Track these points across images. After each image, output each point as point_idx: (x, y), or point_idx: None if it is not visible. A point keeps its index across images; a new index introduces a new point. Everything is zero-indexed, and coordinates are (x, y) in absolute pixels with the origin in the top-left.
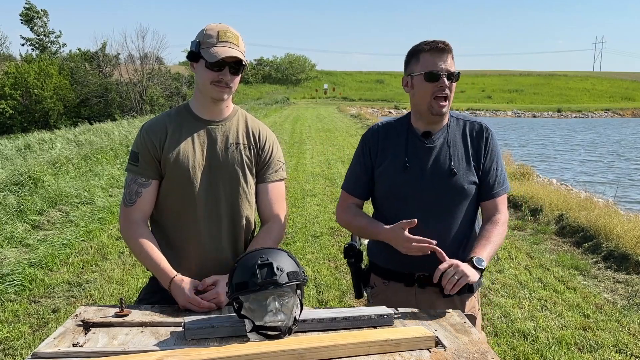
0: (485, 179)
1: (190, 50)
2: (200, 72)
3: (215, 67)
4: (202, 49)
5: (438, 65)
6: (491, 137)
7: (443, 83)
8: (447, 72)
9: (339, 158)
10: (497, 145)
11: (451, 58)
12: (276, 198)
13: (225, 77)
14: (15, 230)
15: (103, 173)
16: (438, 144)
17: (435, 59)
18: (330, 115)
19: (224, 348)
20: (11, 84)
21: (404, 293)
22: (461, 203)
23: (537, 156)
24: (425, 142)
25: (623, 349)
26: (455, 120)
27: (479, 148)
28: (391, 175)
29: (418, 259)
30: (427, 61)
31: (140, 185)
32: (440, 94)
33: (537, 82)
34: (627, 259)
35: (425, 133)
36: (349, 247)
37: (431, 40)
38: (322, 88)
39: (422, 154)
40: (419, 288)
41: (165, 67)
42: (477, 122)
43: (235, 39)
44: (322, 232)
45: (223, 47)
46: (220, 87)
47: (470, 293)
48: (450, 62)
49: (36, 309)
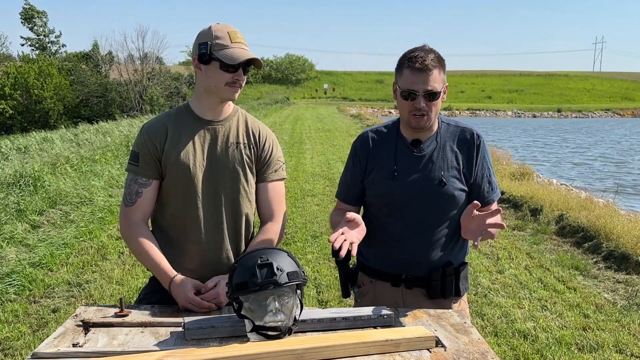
0: (477, 187)
1: (201, 52)
2: (212, 73)
3: (232, 68)
4: (214, 50)
5: (415, 85)
6: (482, 144)
7: (418, 103)
8: (424, 92)
9: (339, 158)
10: (487, 152)
11: (435, 73)
12: (276, 197)
13: (240, 78)
14: (15, 230)
15: (103, 173)
16: (427, 152)
17: (415, 78)
18: (330, 115)
19: (224, 348)
20: (11, 84)
21: (390, 293)
22: (450, 211)
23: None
24: (414, 150)
25: (623, 349)
26: (445, 127)
27: (469, 156)
28: (380, 183)
29: (406, 260)
30: (406, 78)
31: (140, 185)
32: (417, 113)
33: (537, 82)
34: (627, 259)
35: (414, 141)
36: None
37: (413, 56)
38: (322, 88)
39: (411, 162)
40: (406, 289)
41: (165, 67)
42: (468, 128)
43: (244, 39)
44: (322, 232)
45: (239, 49)
46: (234, 87)
47: (457, 296)
48: (433, 79)
49: (36, 309)
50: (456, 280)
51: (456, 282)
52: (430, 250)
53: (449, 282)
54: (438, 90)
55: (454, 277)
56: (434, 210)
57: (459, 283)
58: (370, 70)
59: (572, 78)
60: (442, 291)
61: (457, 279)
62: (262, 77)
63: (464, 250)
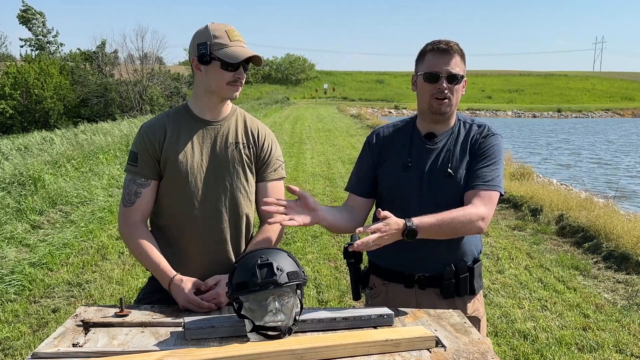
0: (470, 171)
1: (201, 53)
2: (213, 73)
3: (232, 67)
4: (214, 50)
5: (438, 66)
6: (491, 136)
7: (441, 85)
8: (447, 74)
9: (339, 158)
10: (496, 145)
11: (458, 59)
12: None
13: (241, 76)
14: (15, 230)
15: (103, 173)
16: (440, 146)
17: (437, 60)
18: (330, 115)
19: (224, 348)
20: (11, 84)
21: (404, 294)
22: (459, 204)
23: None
24: (427, 143)
25: (623, 349)
26: (462, 124)
27: (477, 147)
28: (392, 173)
29: (419, 260)
30: (429, 61)
31: (139, 185)
32: (439, 96)
33: (537, 82)
34: (627, 259)
35: (428, 134)
36: (349, 247)
37: (436, 40)
38: (322, 88)
39: (423, 154)
40: (419, 289)
41: (165, 67)
42: (482, 124)
43: (241, 37)
44: (322, 232)
45: (239, 47)
46: (235, 86)
47: (471, 295)
48: (455, 63)
49: (36, 309)
50: (470, 278)
51: (470, 279)
52: (441, 246)
53: (463, 280)
54: (460, 74)
55: (468, 275)
56: (441, 203)
57: (473, 281)
58: (370, 70)
59: (572, 78)
60: (456, 290)
61: (471, 276)
62: (262, 77)
63: (477, 247)
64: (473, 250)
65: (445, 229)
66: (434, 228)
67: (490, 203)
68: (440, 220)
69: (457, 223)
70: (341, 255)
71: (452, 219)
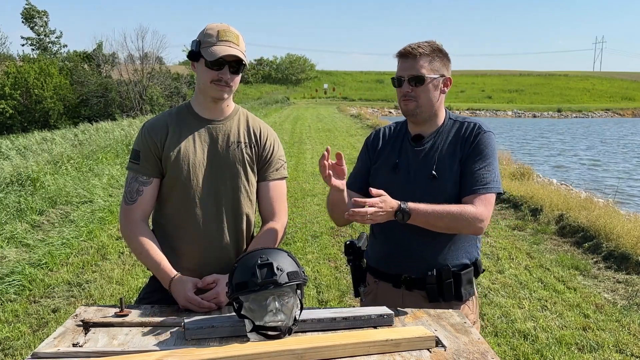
0: (465, 176)
1: (190, 50)
2: (200, 71)
3: (215, 66)
4: (202, 48)
5: (400, 71)
6: (483, 136)
7: (403, 88)
8: (408, 77)
9: None
10: (489, 145)
11: (424, 61)
12: (277, 196)
13: (225, 76)
14: (15, 230)
15: (103, 173)
16: (427, 147)
17: (400, 64)
18: (330, 115)
19: (224, 348)
20: (11, 84)
21: (392, 294)
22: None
23: None
24: (414, 145)
25: (623, 349)
26: (452, 123)
27: (467, 147)
28: (383, 174)
29: (404, 260)
30: (397, 67)
31: (141, 183)
32: (404, 98)
33: (537, 82)
34: (627, 259)
35: (416, 136)
36: (349, 244)
37: (403, 46)
38: (322, 88)
39: (410, 156)
40: (407, 290)
41: (165, 67)
42: (472, 122)
43: (235, 38)
44: (322, 232)
45: (223, 46)
46: (221, 86)
47: (458, 301)
48: (421, 65)
49: (36, 309)
50: (456, 284)
51: (456, 285)
52: (427, 248)
53: (447, 286)
54: (424, 75)
55: (453, 281)
56: (430, 203)
57: (460, 287)
58: (370, 70)
59: (572, 78)
60: (440, 294)
61: (457, 282)
62: (262, 77)
63: (469, 254)
64: (462, 256)
65: (439, 220)
66: (426, 216)
67: (489, 205)
68: (434, 210)
69: (451, 218)
70: (341, 255)
71: (447, 212)
